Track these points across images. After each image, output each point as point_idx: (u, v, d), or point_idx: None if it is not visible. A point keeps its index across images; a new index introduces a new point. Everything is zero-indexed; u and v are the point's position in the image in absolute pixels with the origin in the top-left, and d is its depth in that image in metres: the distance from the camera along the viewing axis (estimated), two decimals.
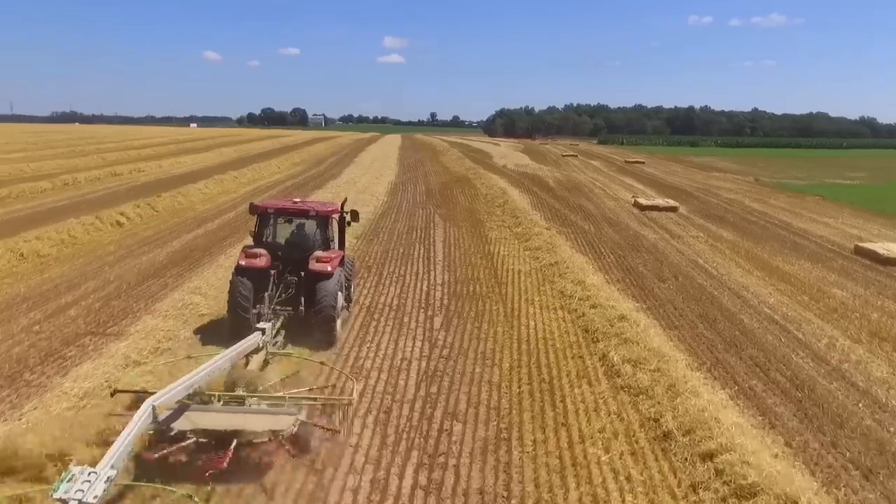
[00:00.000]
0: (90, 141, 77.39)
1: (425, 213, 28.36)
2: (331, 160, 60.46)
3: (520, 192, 36.27)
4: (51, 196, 29.85)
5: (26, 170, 40.14)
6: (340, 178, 41.43)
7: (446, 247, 21.23)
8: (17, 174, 37.04)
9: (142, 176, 40.57)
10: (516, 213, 27.18)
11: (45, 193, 30.54)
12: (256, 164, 48.99)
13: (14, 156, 50.24)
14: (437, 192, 35.51)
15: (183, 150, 65.29)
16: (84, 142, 74.37)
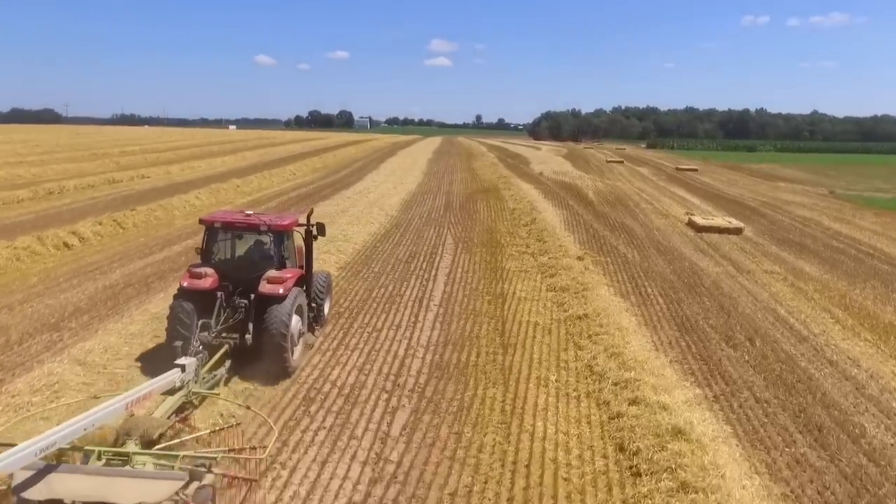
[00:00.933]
0: (120, 143, 75.95)
1: (436, 232, 23.99)
2: (356, 165, 56.79)
3: (553, 206, 31.55)
4: (18, 208, 26.72)
5: (22, 174, 37.67)
6: (355, 187, 37.46)
7: (449, 283, 16.81)
8: (4, 179, 34.42)
9: (142, 183, 37.51)
10: (544, 236, 22.55)
11: (14, 205, 27.45)
12: (273, 169, 45.66)
13: (26, 159, 48.24)
14: (457, 206, 31.09)
15: (207, 154, 62.82)
16: (112, 144, 72.86)
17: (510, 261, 19.44)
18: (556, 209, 30.60)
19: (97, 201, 29.04)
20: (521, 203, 30.79)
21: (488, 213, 29.16)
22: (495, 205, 31.47)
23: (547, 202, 32.64)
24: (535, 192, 36.93)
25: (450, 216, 27.92)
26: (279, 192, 35.24)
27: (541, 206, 30.58)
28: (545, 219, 26.66)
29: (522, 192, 35.22)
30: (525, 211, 28.35)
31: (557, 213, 29.40)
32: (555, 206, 31.65)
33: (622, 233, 25.23)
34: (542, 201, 32.70)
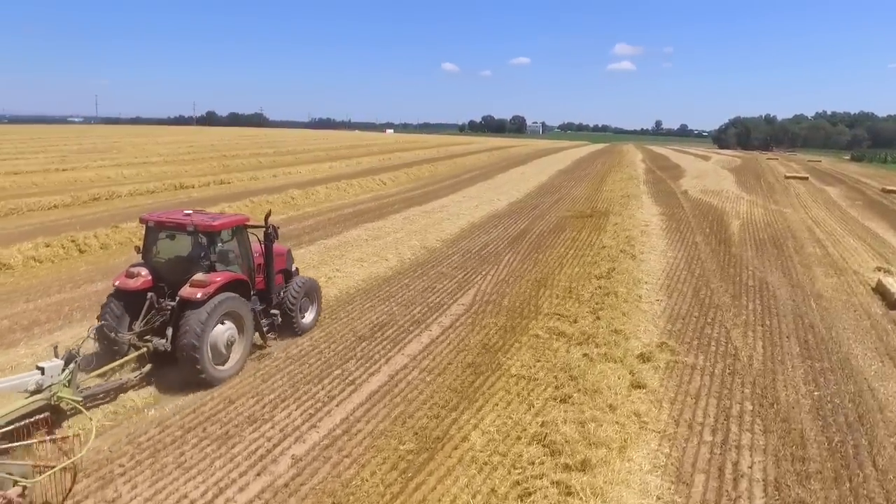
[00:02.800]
0: (263, 144, 77.50)
1: (459, 285, 16.88)
2: (465, 176, 50.45)
3: (667, 243, 22.57)
4: (28, 218, 24.25)
5: (106, 176, 36.94)
6: (429, 205, 31.19)
7: (362, 407, 9.75)
8: (77, 182, 33.34)
9: (216, 189, 34.62)
10: (609, 302, 14.45)
11: (35, 213, 25.16)
12: (366, 177, 41.15)
13: (137, 160, 48.95)
14: (529, 239, 23.39)
15: (326, 157, 60.70)
16: (254, 145, 74.29)
17: (519, 353, 11.82)
18: (670, 247, 21.65)
19: (121, 212, 25.86)
20: (620, 238, 22.26)
21: (564, 251, 21.13)
22: (584, 238, 23.25)
23: (661, 237, 23.66)
24: (657, 220, 27.79)
25: (504, 256, 20.40)
26: (336, 207, 30.11)
27: (646, 243, 21.88)
28: (639, 266, 18.32)
29: (635, 221, 26.38)
30: (614, 252, 19.93)
31: (667, 255, 20.52)
32: (669, 243, 22.61)
33: (752, 300, 15.96)
34: (655, 235, 23.79)
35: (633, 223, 25.61)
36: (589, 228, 25.45)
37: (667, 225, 26.47)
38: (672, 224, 26.74)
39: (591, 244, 22.19)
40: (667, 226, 26.27)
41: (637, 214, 28.26)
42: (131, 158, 52.31)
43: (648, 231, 24.59)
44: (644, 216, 28.26)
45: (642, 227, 25.29)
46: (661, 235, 24.06)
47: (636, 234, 23.44)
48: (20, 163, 44.21)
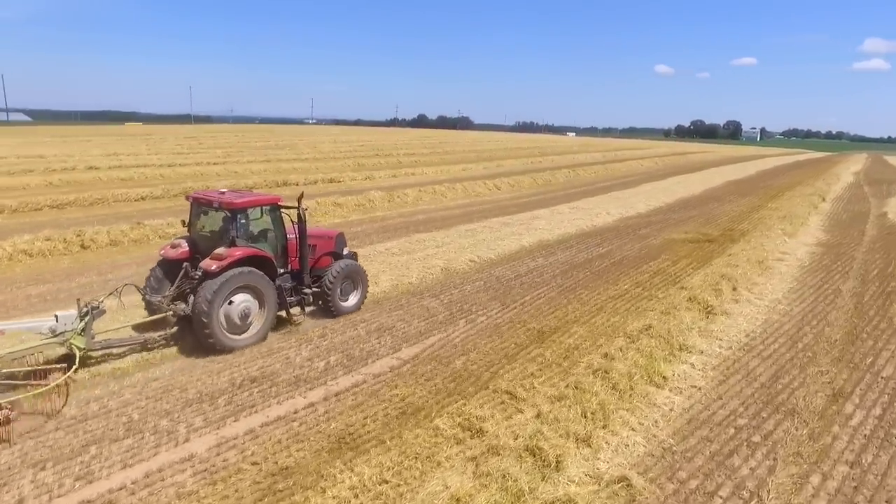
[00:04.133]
0: (426, 146, 77.46)
1: (410, 333, 12.73)
2: (602, 184, 44.19)
3: (795, 286, 15.72)
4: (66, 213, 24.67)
5: (233, 171, 37.96)
6: (516, 216, 26.65)
7: None
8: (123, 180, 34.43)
9: (315, 188, 33.60)
10: (593, 405, 9.15)
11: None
12: (487, 181, 38.11)
13: (284, 156, 50.57)
14: (592, 269, 17.96)
15: (476, 159, 58.05)
16: (395, 146, 74.52)
17: (368, 463, 7.52)
18: (787, 298, 14.82)
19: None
20: (721, 276, 15.86)
21: (623, 289, 15.54)
22: (671, 272, 17.25)
23: (790, 278, 16.67)
24: (804, 251, 20.22)
25: (536, 290, 15.51)
26: (410, 213, 27.08)
27: (756, 287, 15.49)
28: (694, 331, 12.54)
29: (766, 251, 19.22)
30: (689, 298, 13.96)
31: (770, 311, 13.90)
32: (797, 288, 15.62)
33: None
34: (781, 275, 16.92)
35: (761, 254, 18.65)
36: (691, 258, 19.13)
37: (815, 261, 18.97)
38: (825, 260, 19.14)
39: (673, 281, 16.24)
40: (814, 262, 18.81)
41: (777, 242, 20.86)
42: (291, 155, 54.45)
43: (776, 268, 17.64)
44: (788, 245, 20.79)
45: (772, 260, 18.30)
46: (793, 276, 17.02)
47: (753, 271, 16.80)
48: (198, 156, 48.09)
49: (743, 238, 22.08)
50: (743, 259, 17.92)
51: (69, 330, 9.55)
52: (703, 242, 21.91)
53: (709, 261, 18.46)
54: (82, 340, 9.65)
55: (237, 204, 11.23)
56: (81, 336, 9.66)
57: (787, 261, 18.68)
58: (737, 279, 15.77)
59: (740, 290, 15.18)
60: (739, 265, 17.15)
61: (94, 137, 70.20)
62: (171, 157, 48.07)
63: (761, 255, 18.62)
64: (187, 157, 48.40)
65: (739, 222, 26.66)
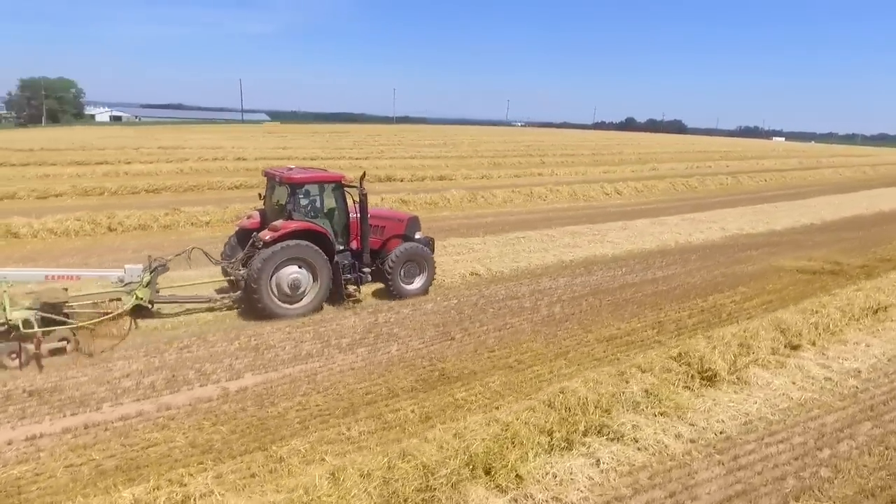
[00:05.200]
0: (588, 147, 72.64)
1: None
2: (766, 194, 36.48)
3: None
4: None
5: (370, 166, 38.22)
6: (595, 225, 22.49)
7: None
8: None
9: (414, 184, 32.39)
10: None
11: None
12: (612, 184, 33.30)
13: (420, 153, 49.97)
14: (629, 297, 13.76)
15: (634, 161, 52.66)
16: (554, 147, 70.30)
17: None
18: (884, 360, 9.69)
19: None
20: (800, 320, 10.97)
21: (638, 329, 11.47)
22: (726, 313, 12.54)
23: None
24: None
25: (513, 319, 12.13)
26: (476, 216, 24.20)
27: (850, 343, 10.41)
28: (689, 411, 8.42)
29: (889, 293, 13.34)
30: (733, 351, 9.65)
31: (848, 376, 9.08)
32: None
33: None
34: (862, 351, 11.31)
35: (879, 298, 12.88)
36: (780, 294, 13.94)
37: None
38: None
39: (715, 324, 11.65)
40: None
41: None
42: (439, 152, 54.01)
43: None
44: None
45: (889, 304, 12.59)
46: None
47: (851, 320, 11.59)
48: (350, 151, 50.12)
49: (879, 274, 15.76)
50: (855, 301, 12.46)
51: (135, 281, 10.78)
52: (823, 274, 16.10)
53: (798, 301, 13.16)
54: (146, 292, 10.82)
55: (295, 179, 11.80)
56: (146, 288, 10.83)
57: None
58: (807, 330, 10.82)
59: (803, 348, 10.36)
60: (835, 309, 11.89)
61: (294, 134, 75.93)
62: (324, 151, 49.66)
63: (883, 299, 12.86)
64: (334, 152, 49.89)
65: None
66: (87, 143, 48.50)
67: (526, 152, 59.38)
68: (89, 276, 11.04)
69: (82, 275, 10.80)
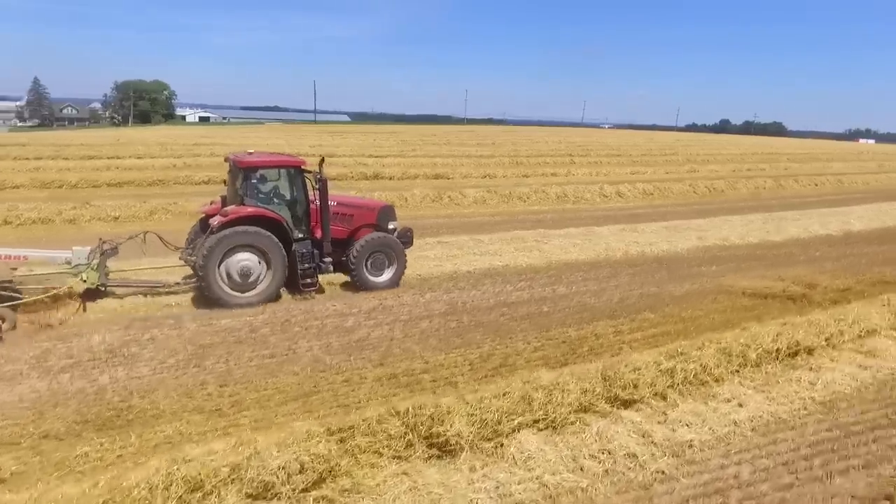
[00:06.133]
0: (648, 147, 67.77)
1: None
2: (728, 205, 31.88)
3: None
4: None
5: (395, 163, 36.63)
6: (562, 230, 19.62)
7: None
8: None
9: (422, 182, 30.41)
10: None
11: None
12: (623, 185, 29.99)
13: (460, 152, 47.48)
14: (557, 322, 11.20)
15: (670, 162, 48.31)
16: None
17: None
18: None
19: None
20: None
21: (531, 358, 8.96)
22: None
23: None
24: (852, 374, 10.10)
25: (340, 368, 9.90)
26: (417, 217, 21.71)
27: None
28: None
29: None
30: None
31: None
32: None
33: None
34: (755, 404, 8.17)
35: (811, 337, 9.62)
36: (686, 325, 10.84)
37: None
38: None
39: (573, 357, 8.88)
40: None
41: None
42: (479, 151, 51.63)
43: (823, 371, 8.78)
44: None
45: (851, 350, 9.35)
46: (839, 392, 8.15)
47: (739, 362, 8.61)
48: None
49: (862, 300, 12.15)
50: (781, 337, 9.30)
51: (83, 264, 10.77)
52: (779, 298, 12.70)
53: (724, 331, 10.02)
54: (94, 275, 10.80)
55: (246, 163, 11.56)
56: (94, 271, 10.82)
57: (871, 362, 9.29)
58: (664, 380, 7.95)
59: (642, 403, 7.60)
60: (741, 345, 8.86)
61: (351, 134, 74.83)
62: (360, 148, 47.76)
63: (819, 340, 9.59)
64: (362, 149, 47.68)
65: None
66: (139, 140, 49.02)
67: (565, 152, 55.87)
68: (37, 257, 10.94)
69: (30, 255, 10.82)
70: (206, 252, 10.82)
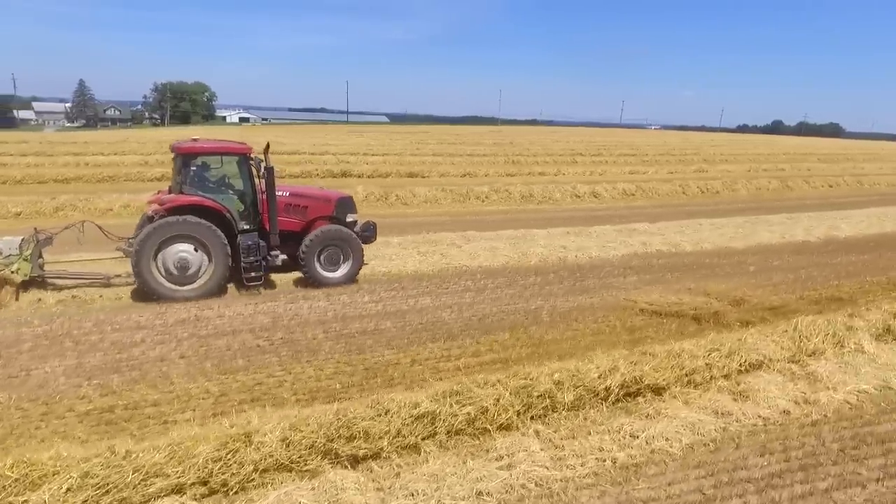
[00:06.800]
0: (673, 147, 64.58)
1: None
2: (697, 209, 28.91)
3: None
4: None
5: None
6: (504, 232, 17.70)
7: None
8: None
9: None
10: None
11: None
12: (602, 185, 27.73)
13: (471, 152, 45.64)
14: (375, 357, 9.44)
15: (645, 162, 45.44)
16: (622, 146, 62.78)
17: None
18: None
19: None
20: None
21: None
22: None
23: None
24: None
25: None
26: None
27: None
28: None
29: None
30: None
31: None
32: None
33: None
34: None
35: (656, 375, 7.57)
36: (531, 350, 8.87)
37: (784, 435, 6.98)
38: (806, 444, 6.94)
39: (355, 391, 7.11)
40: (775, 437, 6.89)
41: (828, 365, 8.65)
42: (483, 150, 49.92)
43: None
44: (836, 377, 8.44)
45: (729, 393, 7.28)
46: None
47: (515, 410, 6.63)
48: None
49: (785, 321, 9.86)
50: (612, 375, 7.32)
51: (14, 254, 10.35)
52: (687, 317, 10.58)
53: (582, 356, 8.08)
54: (26, 266, 10.37)
55: (185, 150, 11.02)
56: (27, 262, 10.38)
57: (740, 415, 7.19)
58: (473, 418, 6.13)
59: (422, 456, 5.81)
60: (579, 381, 6.92)
61: (378, 133, 73.67)
62: (375, 147, 46.24)
63: (669, 376, 7.53)
64: (366, 148, 46.52)
65: (861, 294, 12.85)
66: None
67: (576, 151, 53.34)
68: None
69: None
70: (139, 244, 10.30)
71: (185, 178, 10.94)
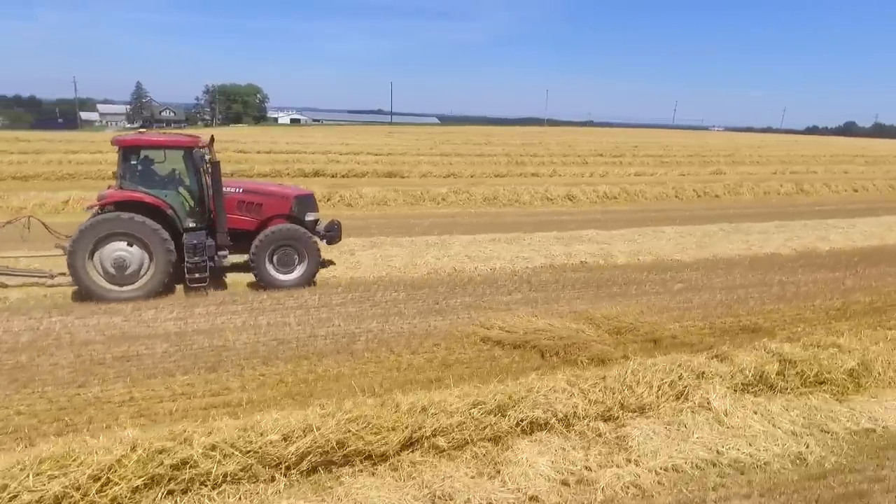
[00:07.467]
0: (695, 148, 60.90)
1: None
2: (677, 214, 25.87)
3: None
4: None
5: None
6: (468, 237, 15.99)
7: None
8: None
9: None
10: None
11: None
12: (590, 187, 25.54)
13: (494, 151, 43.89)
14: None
15: (680, 163, 42.34)
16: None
17: None
18: None
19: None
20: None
21: None
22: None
23: None
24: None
25: None
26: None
27: None
28: None
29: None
30: None
31: None
32: None
33: None
34: None
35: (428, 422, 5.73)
36: (302, 388, 7.14)
37: None
38: None
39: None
40: None
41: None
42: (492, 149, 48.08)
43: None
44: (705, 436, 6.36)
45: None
46: None
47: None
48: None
49: (661, 356, 7.79)
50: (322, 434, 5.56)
51: None
52: (537, 350, 8.62)
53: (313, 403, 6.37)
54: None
55: (126, 143, 10.53)
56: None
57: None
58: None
59: None
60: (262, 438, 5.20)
61: (405, 135, 72.47)
62: (366, 147, 45.34)
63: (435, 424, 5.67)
64: (372, 148, 45.28)
65: (793, 322, 10.50)
66: None
67: (597, 152, 50.54)
68: None
69: None
70: (72, 242, 9.81)
71: (125, 172, 10.41)
